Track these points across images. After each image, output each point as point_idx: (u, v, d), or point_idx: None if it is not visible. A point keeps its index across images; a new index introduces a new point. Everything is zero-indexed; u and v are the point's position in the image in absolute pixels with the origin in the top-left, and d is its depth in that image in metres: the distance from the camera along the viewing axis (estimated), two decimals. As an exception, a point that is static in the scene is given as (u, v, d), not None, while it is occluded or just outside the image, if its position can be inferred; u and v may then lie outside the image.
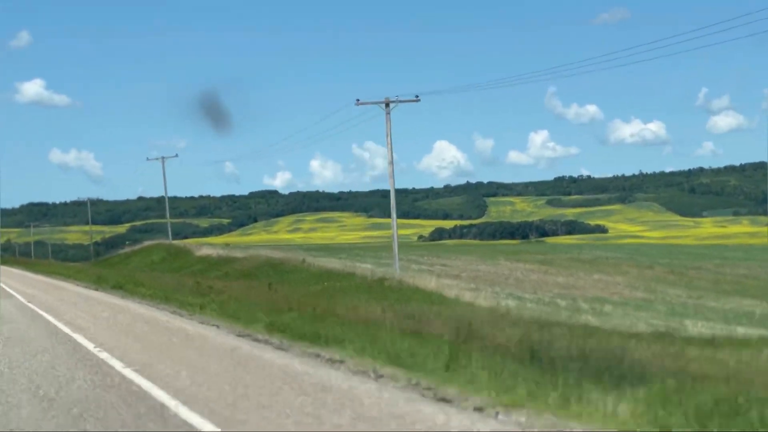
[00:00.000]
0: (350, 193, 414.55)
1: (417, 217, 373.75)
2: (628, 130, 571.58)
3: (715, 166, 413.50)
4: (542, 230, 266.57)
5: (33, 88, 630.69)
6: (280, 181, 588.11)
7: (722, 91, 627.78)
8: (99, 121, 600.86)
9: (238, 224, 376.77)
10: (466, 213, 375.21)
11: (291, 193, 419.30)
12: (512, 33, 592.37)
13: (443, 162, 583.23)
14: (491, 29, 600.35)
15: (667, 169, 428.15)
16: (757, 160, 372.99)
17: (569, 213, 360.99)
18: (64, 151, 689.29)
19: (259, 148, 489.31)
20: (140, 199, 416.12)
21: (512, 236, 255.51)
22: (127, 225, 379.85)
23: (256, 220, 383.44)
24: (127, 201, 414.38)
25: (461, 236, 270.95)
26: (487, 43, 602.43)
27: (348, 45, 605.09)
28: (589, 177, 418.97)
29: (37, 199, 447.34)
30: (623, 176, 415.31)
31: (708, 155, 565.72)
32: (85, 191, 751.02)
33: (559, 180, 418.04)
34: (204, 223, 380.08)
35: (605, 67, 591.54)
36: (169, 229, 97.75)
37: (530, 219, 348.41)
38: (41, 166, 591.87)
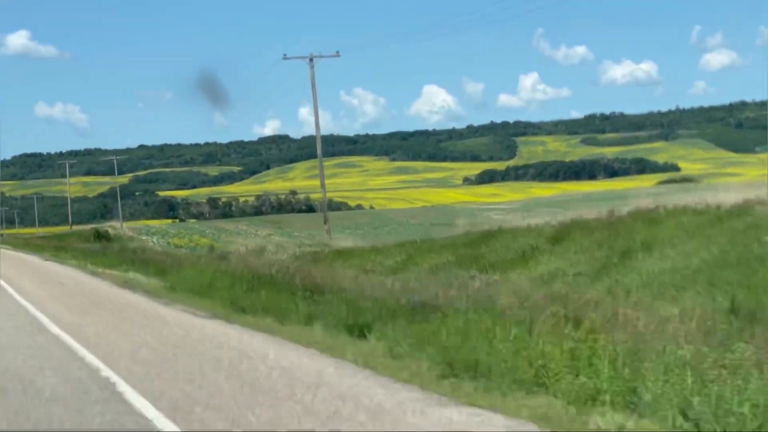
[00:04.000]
0: (367, 136, 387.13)
1: (444, 159, 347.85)
2: (620, 71, 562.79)
3: (755, 99, 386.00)
4: (611, 169, 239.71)
5: (19, 40, 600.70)
6: (270, 130, 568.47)
7: (715, 28, 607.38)
8: (87, 72, 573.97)
9: (250, 172, 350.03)
10: (496, 154, 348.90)
11: (304, 138, 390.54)
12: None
13: (433, 106, 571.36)
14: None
15: (705, 104, 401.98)
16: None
17: (608, 152, 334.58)
18: (54, 103, 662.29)
19: (245, 97, 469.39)
20: (141, 147, 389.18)
21: (578, 176, 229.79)
22: (129, 175, 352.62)
23: (269, 167, 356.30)
24: (128, 149, 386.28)
25: (516, 178, 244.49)
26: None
27: None
28: (622, 114, 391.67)
29: (30, 150, 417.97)
30: (659, 112, 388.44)
31: (700, 93, 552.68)
32: (79, 142, 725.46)
33: (591, 117, 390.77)
34: (213, 171, 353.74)
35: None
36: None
37: (566, 159, 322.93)
38: (31, 118, 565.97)
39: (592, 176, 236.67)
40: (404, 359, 12.75)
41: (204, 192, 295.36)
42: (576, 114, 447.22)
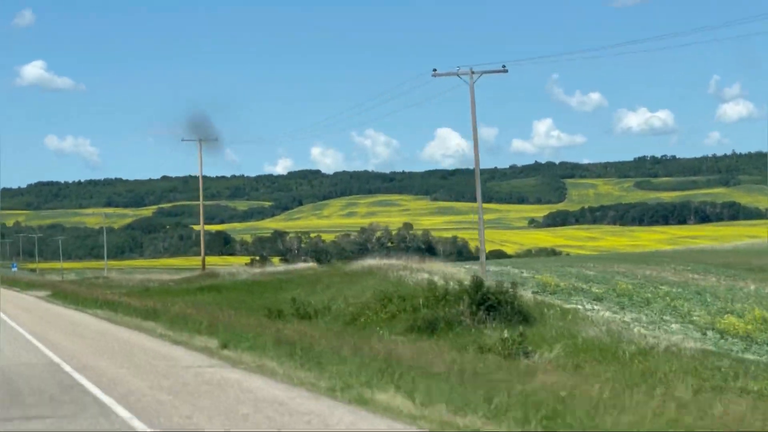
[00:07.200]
0: (404, 173, 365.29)
1: (490, 200, 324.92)
2: (635, 119, 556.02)
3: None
4: (702, 213, 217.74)
5: (34, 70, 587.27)
6: (282, 168, 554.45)
7: (733, 79, 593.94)
8: (105, 102, 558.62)
9: (282, 207, 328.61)
10: (544, 196, 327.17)
11: (336, 173, 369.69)
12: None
13: (447, 150, 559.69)
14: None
15: (763, 149, 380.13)
16: None
17: (665, 196, 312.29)
18: (68, 133, 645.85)
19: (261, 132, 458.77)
20: (164, 178, 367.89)
21: (666, 220, 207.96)
22: (153, 207, 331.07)
23: (301, 203, 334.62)
24: (150, 180, 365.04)
25: (594, 221, 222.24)
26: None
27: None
28: (674, 157, 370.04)
29: (46, 179, 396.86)
30: (714, 156, 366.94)
31: (713, 144, 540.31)
32: (95, 173, 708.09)
33: (641, 160, 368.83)
34: (241, 205, 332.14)
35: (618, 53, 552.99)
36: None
37: (621, 202, 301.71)
38: (44, 148, 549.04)
39: (681, 221, 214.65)
40: None
41: (239, 227, 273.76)
42: (587, 160, 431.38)
